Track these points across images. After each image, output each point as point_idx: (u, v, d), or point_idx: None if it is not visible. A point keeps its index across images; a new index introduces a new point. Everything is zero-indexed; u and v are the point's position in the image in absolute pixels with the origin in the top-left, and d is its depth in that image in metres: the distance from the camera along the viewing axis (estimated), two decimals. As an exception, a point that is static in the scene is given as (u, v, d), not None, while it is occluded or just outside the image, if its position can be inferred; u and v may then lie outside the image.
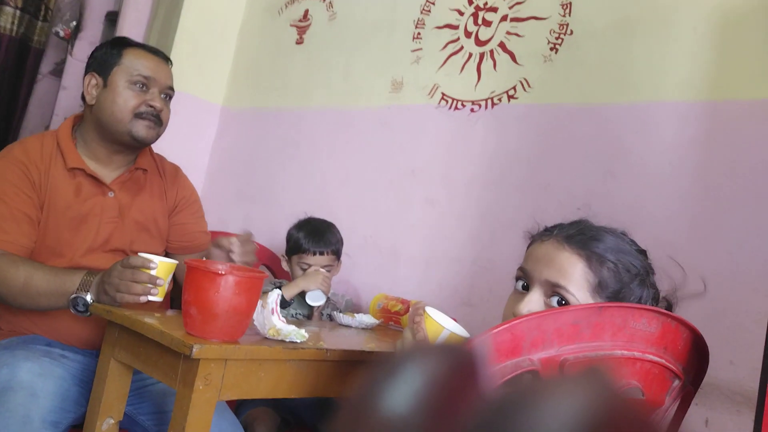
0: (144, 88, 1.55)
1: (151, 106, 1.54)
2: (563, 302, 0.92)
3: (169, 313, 1.38)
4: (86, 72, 1.58)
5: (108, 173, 1.59)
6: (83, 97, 1.58)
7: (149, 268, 1.30)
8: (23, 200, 1.46)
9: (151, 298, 1.29)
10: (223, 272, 1.13)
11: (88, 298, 1.34)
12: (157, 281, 1.29)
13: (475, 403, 0.18)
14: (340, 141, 2.32)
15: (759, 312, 1.32)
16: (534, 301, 0.94)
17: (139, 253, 1.33)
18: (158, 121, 1.57)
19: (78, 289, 1.35)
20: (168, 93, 1.61)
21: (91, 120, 1.57)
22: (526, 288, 0.97)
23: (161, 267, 1.32)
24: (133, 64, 1.55)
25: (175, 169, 1.76)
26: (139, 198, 1.61)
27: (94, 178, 1.55)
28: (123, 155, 1.60)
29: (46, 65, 4.06)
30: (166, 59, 1.63)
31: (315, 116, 2.44)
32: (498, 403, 0.17)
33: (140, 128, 1.53)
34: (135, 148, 1.60)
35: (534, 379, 0.19)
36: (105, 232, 1.54)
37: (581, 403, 0.17)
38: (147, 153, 1.68)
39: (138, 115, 1.53)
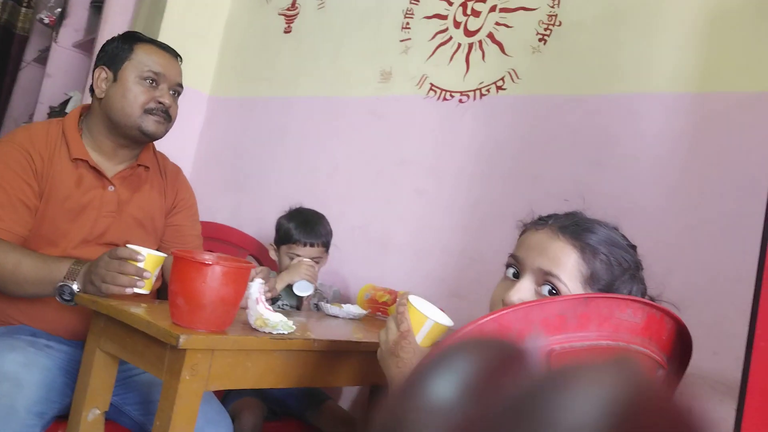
0: (154, 84, 1.55)
1: (160, 102, 1.54)
2: (554, 291, 0.92)
3: (156, 303, 1.37)
4: (96, 65, 1.58)
5: (111, 167, 1.58)
6: (92, 90, 1.58)
7: (137, 260, 1.29)
8: (22, 188, 1.45)
9: (137, 290, 1.28)
10: (210, 262, 1.13)
11: (75, 287, 1.33)
12: (144, 274, 1.28)
13: (512, 388, 0.18)
14: (329, 130, 2.31)
15: (742, 303, 1.34)
16: (525, 288, 0.94)
17: (128, 245, 1.32)
18: (167, 116, 1.57)
19: (65, 277, 1.35)
20: (177, 90, 1.61)
21: (99, 113, 1.56)
22: (517, 276, 0.97)
23: (149, 259, 1.31)
24: (144, 59, 1.55)
25: (177, 170, 1.76)
26: (138, 194, 1.61)
27: (97, 171, 1.54)
28: (128, 150, 1.60)
29: (31, 52, 4.01)
30: (177, 56, 1.63)
31: (303, 105, 2.43)
32: (530, 389, 0.18)
33: (149, 123, 1.53)
34: (141, 143, 1.60)
35: (563, 365, 0.19)
36: (102, 226, 1.53)
37: (612, 388, 0.17)
38: (150, 150, 1.68)
39: (147, 111, 1.53)
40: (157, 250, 1.68)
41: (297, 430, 1.87)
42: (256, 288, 1.23)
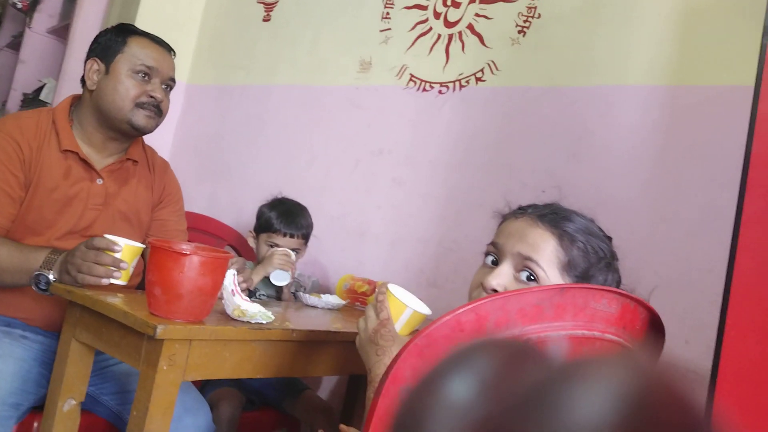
0: (146, 78, 1.53)
1: (152, 97, 1.53)
2: (532, 277, 0.94)
3: (132, 293, 1.36)
4: (88, 57, 1.56)
5: (100, 160, 1.57)
6: (83, 81, 1.55)
7: (114, 251, 1.28)
8: (7, 179, 1.43)
9: (113, 281, 1.27)
10: (188, 252, 1.12)
11: (51, 276, 1.32)
12: (121, 264, 1.27)
13: (527, 383, 0.19)
14: (307, 119, 2.30)
15: (714, 293, 1.36)
16: (504, 273, 0.96)
17: (105, 235, 1.30)
18: (158, 111, 1.56)
19: (41, 266, 1.33)
20: (169, 84, 1.59)
21: (89, 105, 1.54)
22: (496, 263, 0.98)
23: (126, 250, 1.30)
24: (137, 53, 1.53)
25: (165, 165, 1.75)
26: (126, 188, 1.60)
27: (85, 163, 1.52)
28: (118, 143, 1.58)
29: (3, 38, 3.93)
30: (170, 50, 1.62)
31: (281, 94, 2.41)
32: (545, 382, 0.18)
33: (140, 117, 1.52)
34: (131, 136, 1.59)
35: (574, 359, 0.19)
36: (88, 218, 1.52)
37: (625, 379, 0.17)
38: (139, 144, 1.66)
39: (139, 105, 1.52)
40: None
41: (275, 420, 1.87)
42: (230, 279, 1.22)
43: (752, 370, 0.97)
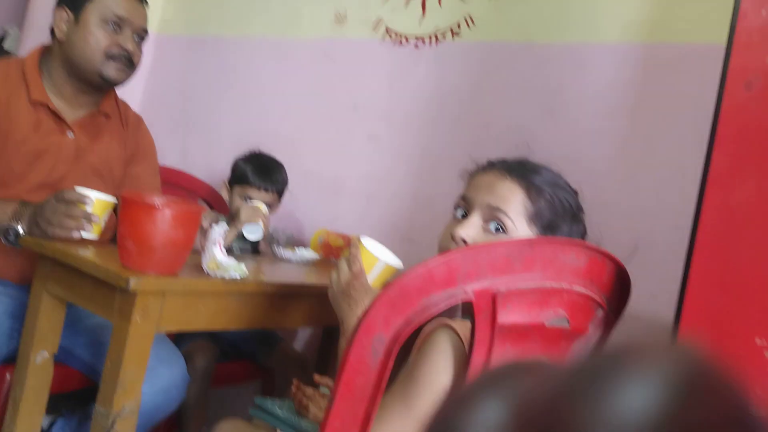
0: (117, 29, 1.48)
1: (123, 48, 1.48)
2: (501, 228, 0.97)
3: (104, 246, 1.35)
4: (57, 5, 1.50)
5: (71, 112, 1.52)
6: (52, 32, 1.50)
7: (84, 204, 1.26)
8: None
9: (84, 234, 1.26)
10: (160, 205, 1.11)
11: (20, 229, 1.30)
12: (92, 218, 1.26)
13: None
14: (281, 73, 2.27)
15: (679, 248, 1.40)
16: (474, 224, 0.98)
17: (76, 188, 1.28)
18: (130, 63, 1.51)
19: (10, 219, 1.31)
20: (141, 35, 1.54)
21: (59, 56, 1.50)
22: (466, 216, 1.00)
23: (97, 204, 1.28)
24: (108, 2, 1.47)
25: (138, 120, 1.71)
26: (97, 142, 1.56)
27: (56, 116, 1.49)
28: (89, 96, 1.54)
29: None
30: (142, 0, 1.55)
31: (255, 45, 2.36)
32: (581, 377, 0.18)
33: (111, 70, 1.48)
34: (102, 89, 1.54)
35: (617, 348, 0.19)
36: (59, 172, 1.49)
37: (671, 368, 0.17)
38: (112, 98, 1.62)
39: (109, 56, 1.47)
40: None
41: (250, 371, 1.89)
42: (219, 233, 1.22)
43: (713, 322, 1.01)
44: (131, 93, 2.59)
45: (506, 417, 0.19)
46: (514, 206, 0.97)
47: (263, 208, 1.73)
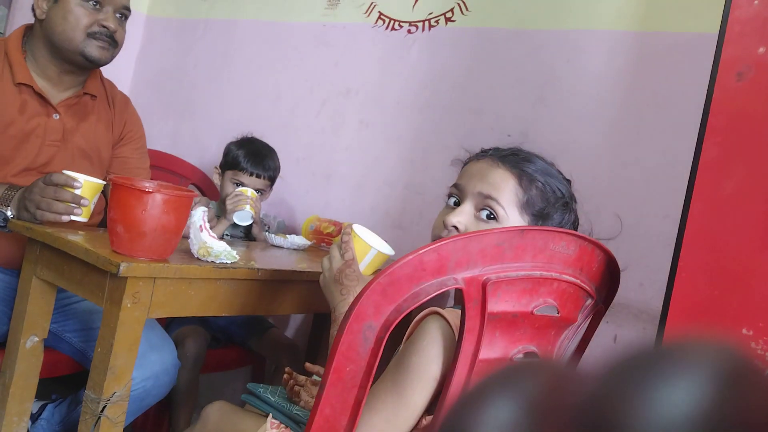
0: (97, 6, 1.45)
1: (104, 26, 1.45)
2: (492, 215, 0.97)
3: (94, 231, 1.34)
4: None
5: (56, 94, 1.50)
6: (33, 11, 1.47)
7: (73, 187, 1.25)
8: None
9: (74, 218, 1.25)
10: (151, 190, 1.11)
11: (9, 213, 1.29)
12: (81, 201, 1.25)
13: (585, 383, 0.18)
14: (273, 56, 2.25)
15: (668, 237, 1.41)
16: (465, 212, 0.99)
17: (64, 171, 1.27)
18: (113, 42, 1.49)
19: (3, 204, 1.30)
20: (123, 12, 1.51)
21: (40, 36, 1.47)
22: (458, 204, 1.01)
23: (86, 186, 1.27)
24: None
25: (125, 100, 1.69)
26: (84, 124, 1.54)
27: (41, 97, 1.46)
28: (73, 76, 1.52)
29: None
30: None
31: (246, 29, 2.34)
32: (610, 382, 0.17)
33: (93, 48, 1.45)
34: (86, 68, 1.52)
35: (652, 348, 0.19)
36: (46, 155, 1.47)
37: (712, 365, 0.17)
38: (97, 78, 1.60)
39: (91, 35, 1.44)
40: None
41: (241, 357, 1.90)
42: (199, 215, 1.21)
43: (701, 311, 1.02)
44: (121, 75, 2.56)
45: (523, 417, 0.18)
46: (506, 194, 0.97)
47: (250, 192, 1.72)
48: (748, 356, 0.17)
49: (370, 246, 1.04)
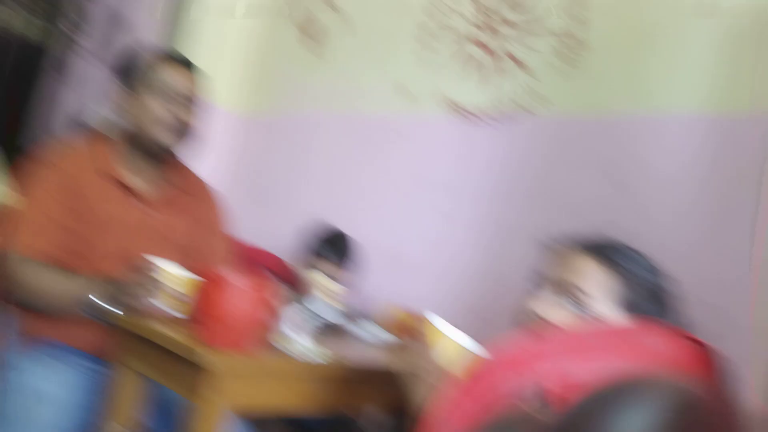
0: (167, 97, 1.54)
1: (174, 115, 1.53)
2: (576, 304, 0.96)
3: (183, 322, 1.38)
4: (113, 80, 1.59)
5: (149, 189, 1.58)
6: (115, 108, 1.58)
7: (169, 281, 1.29)
8: (53, 207, 1.45)
9: (173, 312, 1.28)
10: (240, 282, 1.13)
11: (104, 304, 1.34)
12: (183, 298, 1.28)
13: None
14: (350, 149, 2.32)
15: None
16: (549, 300, 0.98)
17: (163, 265, 1.32)
18: (183, 129, 1.56)
19: (94, 293, 1.35)
20: (194, 101, 1.59)
21: (122, 130, 1.57)
22: (542, 292, 1.01)
23: (184, 282, 1.31)
24: (156, 72, 1.54)
25: (209, 191, 1.75)
26: (177, 218, 1.62)
27: (137, 192, 1.55)
28: (158, 169, 1.59)
29: (51, 63, 4.03)
30: (192, 67, 1.62)
31: (326, 123, 2.44)
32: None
33: (163, 136, 1.53)
34: (164, 158, 1.59)
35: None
36: (139, 248, 1.50)
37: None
38: (182, 169, 1.67)
39: (161, 124, 1.52)
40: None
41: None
42: (293, 313, 1.23)
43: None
44: (208, 170, 2.70)
45: None
46: (591, 283, 0.96)
47: (334, 285, 1.74)
48: (694, 392, 0.20)
49: (449, 338, 1.02)
